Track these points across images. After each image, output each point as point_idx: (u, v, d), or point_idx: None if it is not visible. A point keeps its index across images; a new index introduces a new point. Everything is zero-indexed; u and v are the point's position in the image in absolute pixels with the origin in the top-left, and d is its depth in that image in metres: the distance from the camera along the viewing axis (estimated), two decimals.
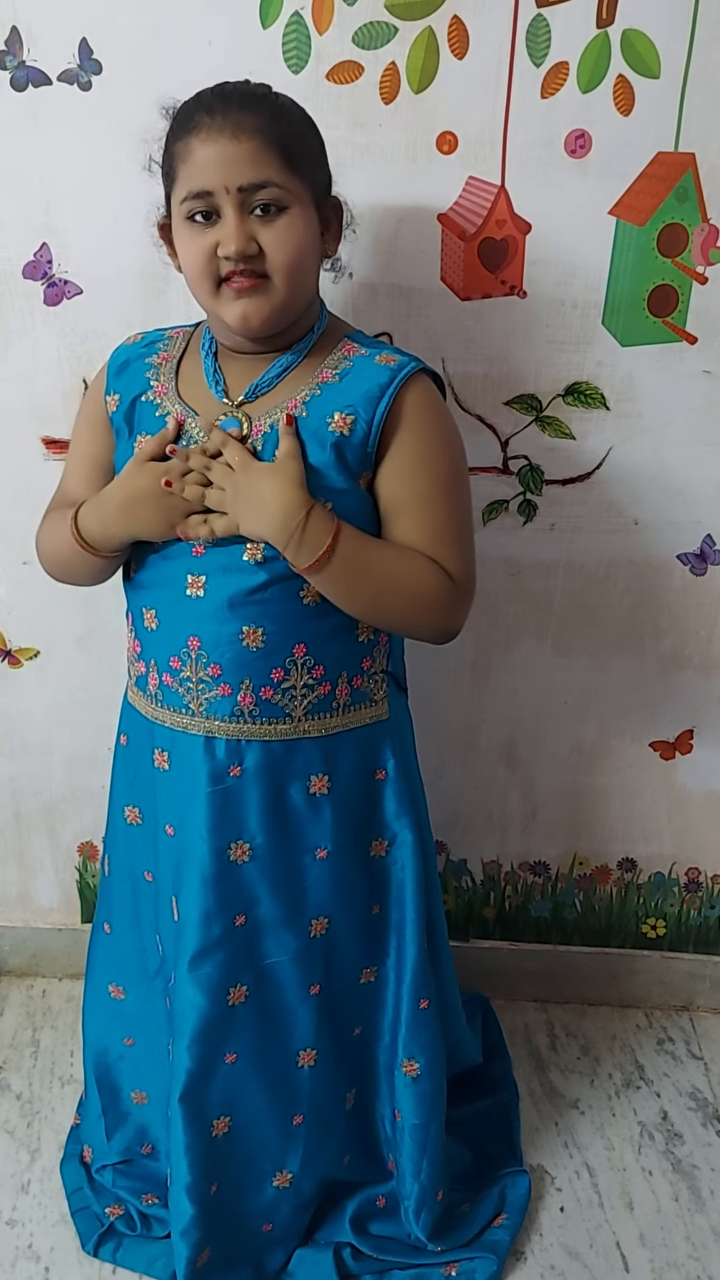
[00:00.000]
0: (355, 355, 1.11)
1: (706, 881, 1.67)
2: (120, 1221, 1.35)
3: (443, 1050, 1.31)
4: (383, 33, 1.22)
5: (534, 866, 1.67)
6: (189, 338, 1.18)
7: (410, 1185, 1.31)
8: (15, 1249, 1.35)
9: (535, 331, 1.35)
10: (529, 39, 1.22)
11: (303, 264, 1.05)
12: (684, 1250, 1.37)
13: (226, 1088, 1.21)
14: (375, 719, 1.20)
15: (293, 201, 1.03)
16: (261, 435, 1.08)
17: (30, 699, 1.58)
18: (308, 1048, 1.24)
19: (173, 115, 1.05)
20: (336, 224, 1.12)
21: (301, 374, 1.10)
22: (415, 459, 1.09)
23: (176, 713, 1.15)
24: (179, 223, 1.05)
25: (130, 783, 1.26)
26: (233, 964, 1.18)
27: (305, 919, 1.20)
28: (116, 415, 1.15)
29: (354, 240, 1.18)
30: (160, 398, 1.13)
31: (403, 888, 1.24)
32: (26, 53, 1.24)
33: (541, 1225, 1.39)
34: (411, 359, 1.10)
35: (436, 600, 1.10)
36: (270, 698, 1.12)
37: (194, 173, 1.02)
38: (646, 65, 1.23)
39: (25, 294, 1.35)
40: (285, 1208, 1.29)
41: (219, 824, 1.15)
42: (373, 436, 1.07)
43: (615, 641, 1.52)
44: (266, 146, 1.00)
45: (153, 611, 1.14)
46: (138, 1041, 1.35)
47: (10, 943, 1.75)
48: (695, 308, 1.34)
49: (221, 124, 1.00)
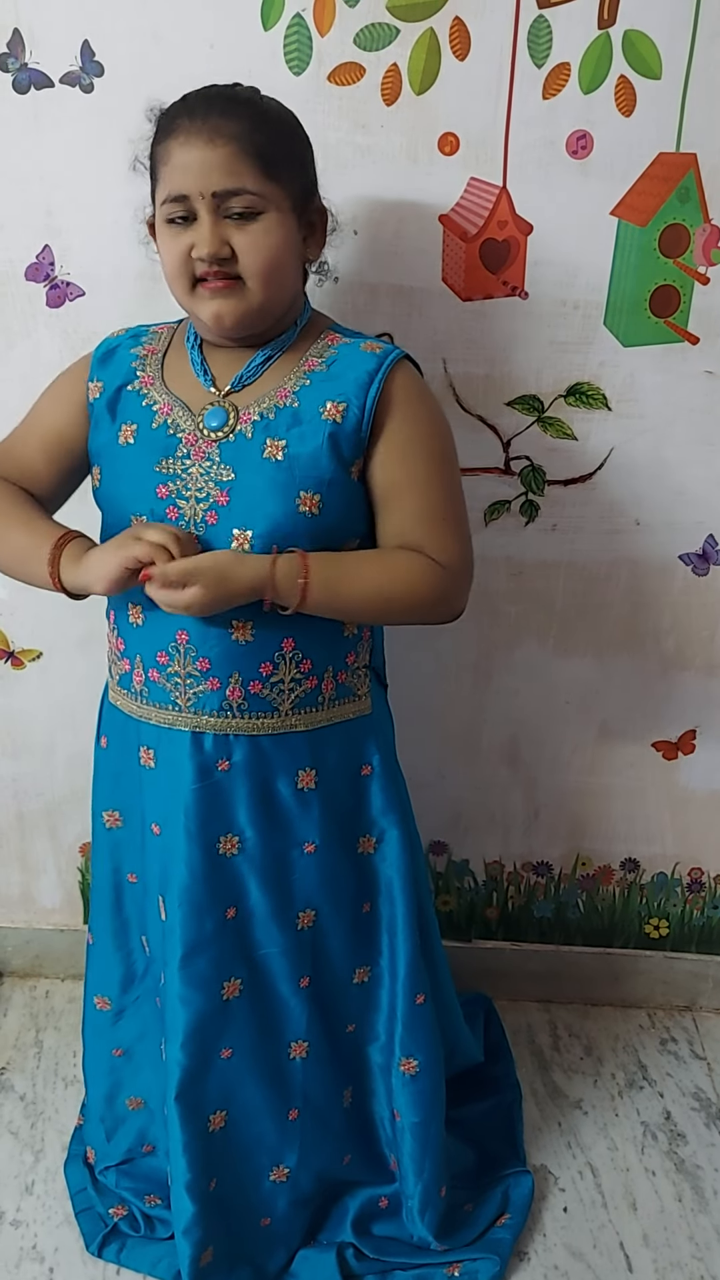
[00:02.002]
0: (339, 344, 1.12)
1: (709, 881, 1.67)
2: (124, 1222, 1.35)
3: (440, 1048, 1.31)
4: (384, 34, 1.22)
5: (536, 867, 1.67)
6: (173, 332, 1.19)
7: (414, 1184, 1.31)
8: (19, 1250, 1.35)
9: (537, 332, 1.35)
10: (530, 40, 1.22)
11: (277, 268, 1.06)
12: (687, 1250, 1.37)
13: (222, 1083, 1.22)
14: (359, 714, 1.21)
15: (268, 207, 1.04)
16: (250, 423, 1.09)
17: (32, 700, 1.58)
18: (299, 1039, 1.25)
19: (158, 118, 1.07)
20: (321, 229, 1.12)
21: (287, 363, 1.11)
22: (408, 441, 1.10)
23: (163, 709, 1.15)
24: (160, 223, 1.07)
25: (111, 785, 1.26)
26: (225, 958, 1.19)
27: (293, 912, 1.21)
28: (99, 402, 1.15)
29: (355, 240, 1.19)
30: (147, 388, 1.13)
31: (391, 884, 1.25)
32: (29, 55, 1.24)
33: (545, 1225, 1.39)
34: (394, 346, 1.12)
35: (430, 590, 1.11)
36: (259, 692, 1.13)
37: (172, 176, 1.03)
38: (648, 66, 1.23)
39: (27, 296, 1.35)
40: (282, 1202, 1.29)
41: (208, 819, 1.15)
42: (365, 422, 1.08)
43: (617, 642, 1.52)
44: (242, 153, 1.01)
45: (139, 607, 1.14)
46: (126, 1050, 1.35)
47: (13, 943, 1.75)
48: (697, 308, 1.34)
49: (200, 129, 1.01)
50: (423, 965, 1.27)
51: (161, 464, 1.10)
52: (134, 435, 1.12)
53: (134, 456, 1.12)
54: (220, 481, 1.08)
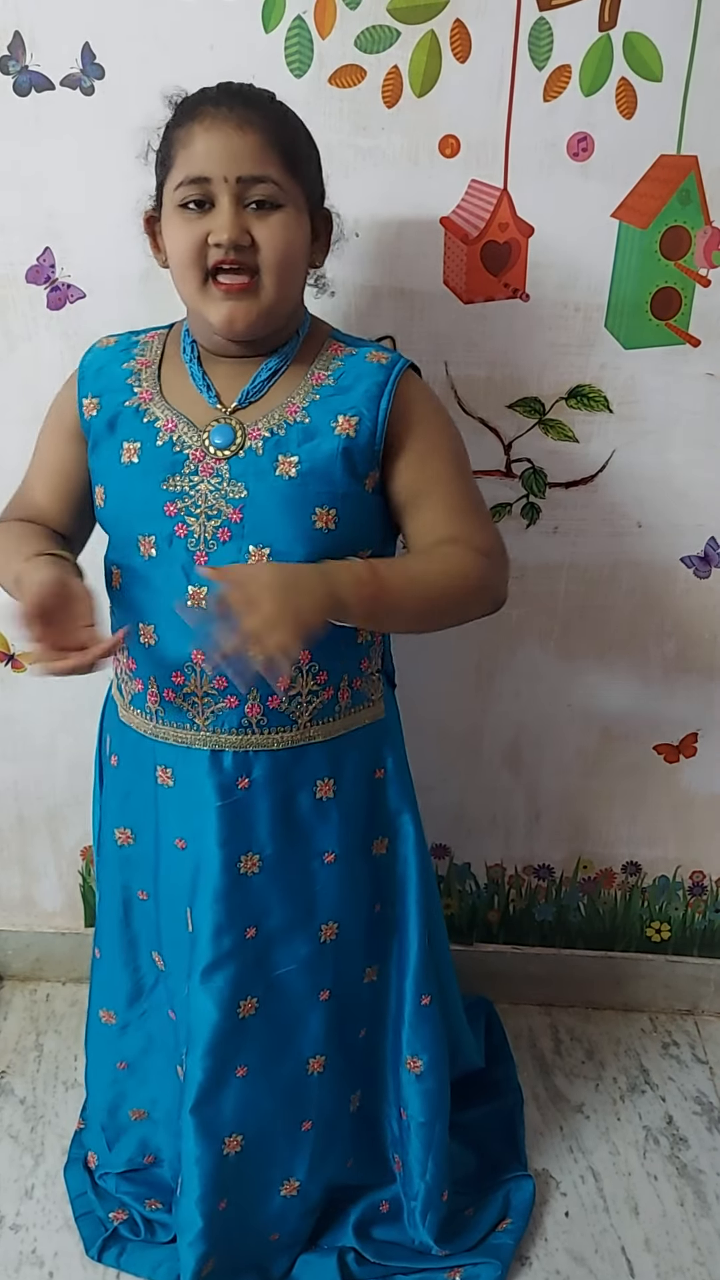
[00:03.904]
0: (344, 354, 1.11)
1: (711, 885, 1.67)
2: (124, 1226, 1.35)
3: (446, 1047, 1.31)
4: (385, 36, 1.22)
5: (538, 870, 1.67)
6: (164, 340, 1.15)
7: (416, 1185, 1.31)
8: (19, 1254, 1.34)
9: (538, 334, 1.35)
10: (531, 42, 1.22)
11: (293, 263, 1.05)
12: (689, 1255, 1.37)
13: (238, 1100, 1.21)
14: (374, 719, 1.20)
15: (288, 201, 1.03)
16: (261, 440, 1.07)
17: (33, 703, 1.58)
18: (318, 1054, 1.24)
19: (176, 104, 1.06)
20: (326, 235, 1.11)
21: (293, 376, 1.10)
22: (426, 445, 1.10)
23: (180, 728, 1.13)
24: (170, 211, 1.04)
25: (121, 803, 1.24)
26: (243, 977, 1.18)
27: (315, 924, 1.20)
28: (97, 420, 1.12)
29: (356, 243, 1.18)
30: (146, 404, 1.10)
31: (405, 883, 1.24)
32: (29, 57, 1.24)
33: (546, 1230, 1.39)
34: (399, 355, 1.11)
35: (479, 577, 1.10)
36: (277, 706, 1.12)
37: (193, 158, 1.01)
38: (649, 68, 1.23)
39: (28, 298, 1.35)
40: (293, 1215, 1.29)
41: (229, 837, 1.14)
42: (379, 434, 1.07)
43: (619, 644, 1.52)
44: (269, 144, 1.01)
45: (151, 627, 1.12)
46: (131, 1063, 1.34)
47: (14, 947, 1.75)
48: (698, 310, 1.34)
49: (227, 115, 1.01)
50: (431, 966, 1.27)
51: (168, 481, 1.08)
52: (138, 453, 1.09)
53: (139, 475, 1.09)
54: (231, 499, 1.06)
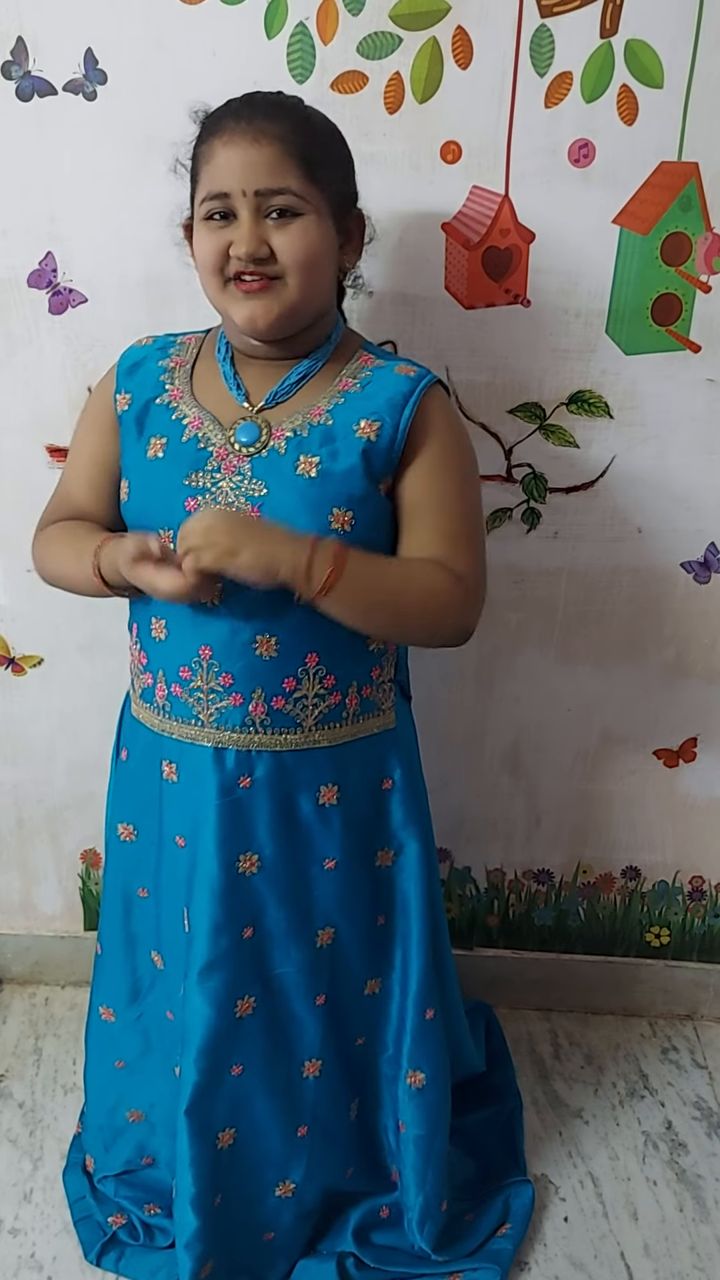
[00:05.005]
0: (373, 366, 1.13)
1: (710, 890, 1.67)
2: (123, 1231, 1.35)
3: (448, 1061, 1.31)
4: (387, 43, 1.22)
5: (538, 874, 1.67)
6: (201, 343, 1.18)
7: (414, 1197, 1.30)
8: (18, 1258, 1.34)
9: (539, 340, 1.35)
10: (533, 49, 1.22)
11: (315, 267, 1.06)
12: (689, 1261, 1.36)
13: (232, 1100, 1.21)
14: (383, 728, 1.20)
15: (308, 209, 1.04)
16: (284, 439, 1.08)
17: (34, 706, 1.58)
18: (313, 1058, 1.24)
19: (202, 119, 1.08)
20: (358, 236, 1.13)
21: (322, 381, 1.11)
22: (437, 460, 1.10)
23: (185, 724, 1.14)
24: (198, 222, 1.07)
25: (128, 798, 1.25)
26: (240, 976, 1.18)
27: (312, 929, 1.20)
28: (127, 414, 1.14)
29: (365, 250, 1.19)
30: (176, 401, 1.13)
31: (407, 897, 1.24)
32: (32, 63, 1.24)
33: (545, 1235, 1.39)
34: (427, 370, 1.12)
35: (448, 602, 1.10)
36: (281, 707, 1.12)
37: (214, 174, 1.04)
38: (650, 75, 1.23)
39: (30, 302, 1.35)
40: (287, 1216, 1.28)
41: (228, 836, 1.14)
42: (399, 441, 1.08)
43: (619, 649, 1.52)
44: (286, 154, 1.02)
45: (162, 621, 1.13)
46: (128, 1063, 1.35)
47: (13, 950, 1.75)
48: (699, 316, 1.34)
49: (245, 129, 1.02)
50: (434, 980, 1.27)
51: (191, 477, 1.09)
52: (163, 449, 1.11)
53: (163, 470, 1.11)
54: (251, 496, 1.08)
